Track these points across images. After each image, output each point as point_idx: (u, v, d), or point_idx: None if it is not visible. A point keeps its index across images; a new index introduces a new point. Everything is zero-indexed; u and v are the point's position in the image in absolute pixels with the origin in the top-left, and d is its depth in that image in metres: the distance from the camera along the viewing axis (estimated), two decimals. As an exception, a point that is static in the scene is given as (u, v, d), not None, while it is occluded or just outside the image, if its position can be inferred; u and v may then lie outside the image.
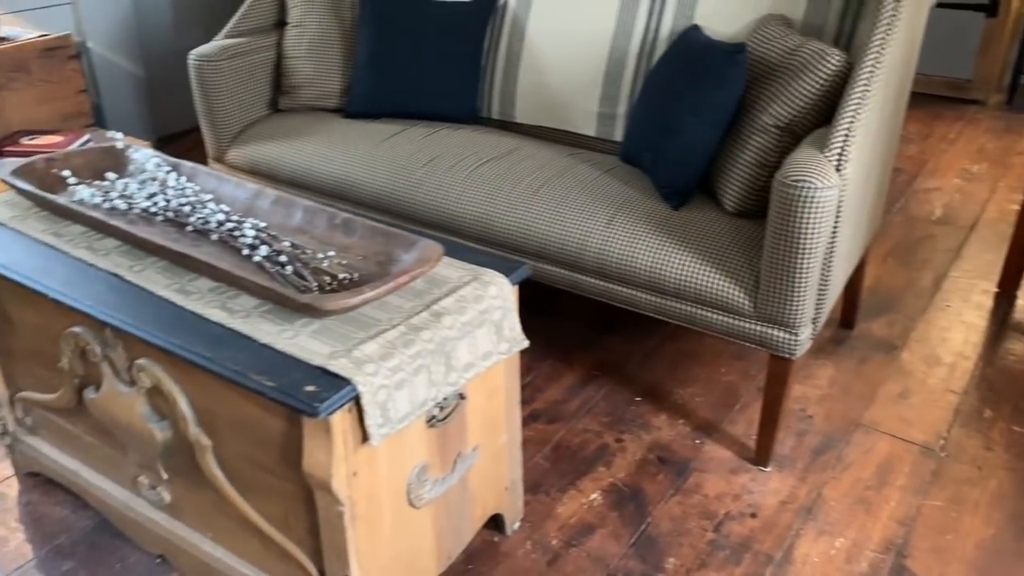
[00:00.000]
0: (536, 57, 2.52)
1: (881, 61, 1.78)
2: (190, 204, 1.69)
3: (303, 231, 1.65)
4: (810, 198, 1.67)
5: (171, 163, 1.85)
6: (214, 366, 1.30)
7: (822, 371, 2.31)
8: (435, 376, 1.38)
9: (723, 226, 1.96)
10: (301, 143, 2.48)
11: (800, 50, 1.93)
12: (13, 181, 1.72)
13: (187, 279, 1.52)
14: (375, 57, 2.57)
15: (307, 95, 2.65)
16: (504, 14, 2.57)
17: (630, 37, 2.36)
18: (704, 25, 2.24)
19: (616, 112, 2.41)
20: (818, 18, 2.12)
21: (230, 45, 2.56)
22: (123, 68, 3.47)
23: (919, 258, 2.85)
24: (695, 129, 2.01)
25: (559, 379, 2.28)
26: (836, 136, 1.74)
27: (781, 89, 1.91)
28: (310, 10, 2.63)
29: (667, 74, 2.16)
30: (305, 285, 1.46)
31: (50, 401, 1.75)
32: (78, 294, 1.49)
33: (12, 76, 2.66)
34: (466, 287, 1.50)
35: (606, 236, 1.99)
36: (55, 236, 1.67)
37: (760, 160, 1.93)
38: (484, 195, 2.16)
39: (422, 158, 2.33)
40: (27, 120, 2.72)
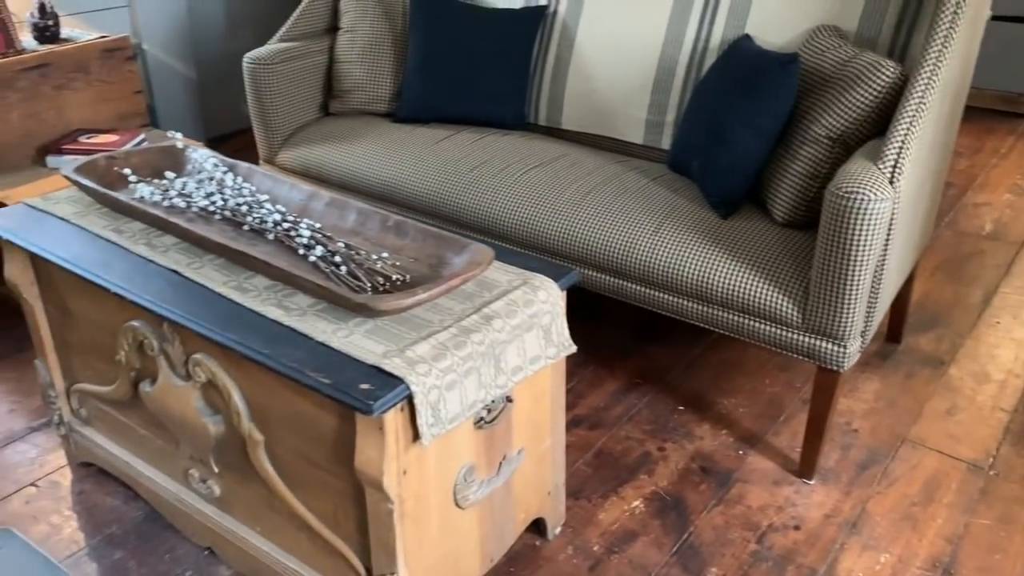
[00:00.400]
0: (584, 64, 2.53)
1: (937, 74, 1.77)
2: (247, 204, 1.72)
3: (356, 232, 1.68)
4: (863, 210, 1.66)
5: (228, 163, 1.89)
6: (271, 362, 1.33)
7: (868, 385, 2.28)
8: (484, 378, 1.40)
9: (772, 236, 1.95)
10: (351, 146, 2.51)
11: (854, 61, 1.91)
12: (76, 178, 1.77)
13: (244, 277, 1.55)
14: (425, 62, 2.60)
15: (357, 99, 2.69)
16: (553, 21, 2.59)
17: (680, 45, 2.36)
18: (755, 35, 2.24)
19: (664, 120, 2.41)
20: (872, 29, 2.11)
21: (284, 49, 2.61)
22: (176, 70, 3.55)
23: (968, 273, 2.81)
24: (746, 139, 2.00)
25: (601, 385, 2.28)
26: (890, 148, 1.72)
27: (834, 100, 1.90)
28: (362, 16, 2.67)
29: (718, 83, 2.16)
30: (359, 285, 1.48)
31: (106, 393, 1.79)
32: (138, 289, 1.53)
33: (72, 76, 2.73)
34: (516, 291, 1.51)
35: (653, 244, 1.99)
36: (116, 232, 1.71)
37: (811, 171, 1.93)
38: (531, 201, 2.18)
39: (470, 163, 2.35)
40: (85, 119, 2.79)
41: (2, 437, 2.11)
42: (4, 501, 1.92)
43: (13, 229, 1.74)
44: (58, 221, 1.77)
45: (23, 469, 2.01)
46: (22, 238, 1.71)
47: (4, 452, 2.06)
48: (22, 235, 1.72)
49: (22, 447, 2.07)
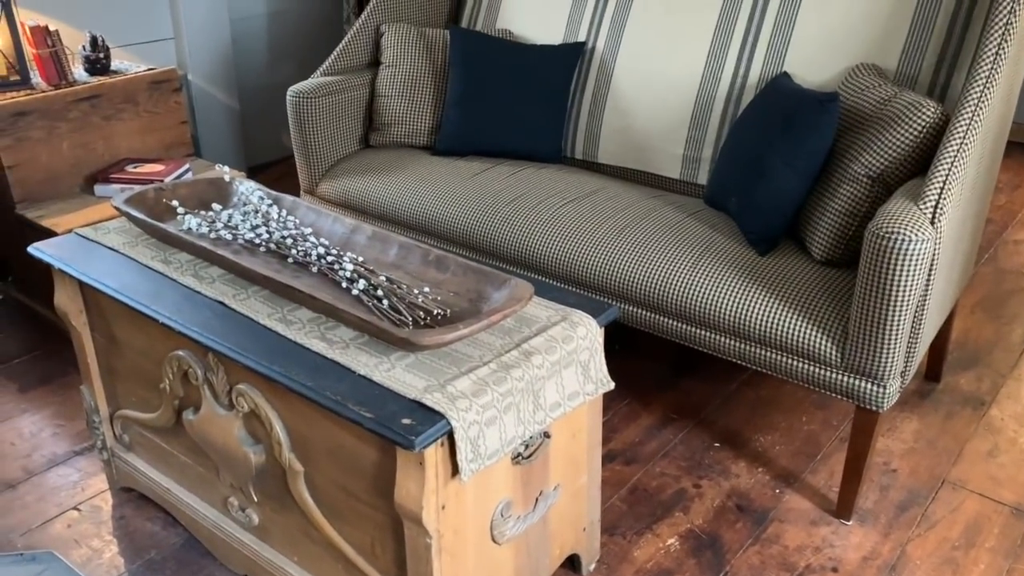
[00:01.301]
0: (622, 99, 2.56)
1: (980, 115, 1.77)
2: (291, 237, 1.76)
3: (398, 266, 1.71)
4: (904, 250, 1.65)
5: (273, 196, 1.93)
6: (314, 395, 1.35)
7: (907, 424, 2.26)
8: (523, 414, 1.41)
9: (811, 274, 1.95)
10: (391, 178, 2.55)
11: (894, 101, 1.92)
12: (126, 209, 1.82)
13: (288, 309, 1.58)
14: (464, 97, 2.64)
15: (397, 132, 2.73)
16: (591, 57, 2.62)
17: (719, 82, 2.38)
18: (794, 72, 2.25)
19: (701, 156, 2.43)
20: (912, 68, 2.11)
21: (326, 83, 2.66)
22: (220, 100, 3.63)
23: (1008, 312, 2.78)
24: (784, 176, 2.01)
25: (637, 420, 2.28)
26: (931, 189, 1.72)
27: (873, 139, 1.90)
28: (403, 51, 2.72)
29: (756, 120, 2.17)
30: (401, 319, 1.50)
31: (149, 420, 1.83)
32: (185, 320, 1.56)
33: (121, 107, 2.80)
34: (555, 327, 1.53)
35: (690, 280, 2.00)
36: (163, 263, 1.75)
37: (850, 209, 1.92)
38: (567, 235, 2.19)
39: (507, 196, 2.37)
40: (132, 148, 2.86)
41: (45, 460, 2.15)
42: (47, 524, 1.95)
43: (65, 259, 1.79)
44: (108, 251, 1.81)
45: (65, 492, 2.05)
46: (73, 267, 1.75)
47: (47, 475, 2.10)
48: (73, 264, 1.76)
49: (65, 471, 2.11)
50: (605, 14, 2.59)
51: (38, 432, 2.25)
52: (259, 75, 3.87)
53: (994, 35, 1.79)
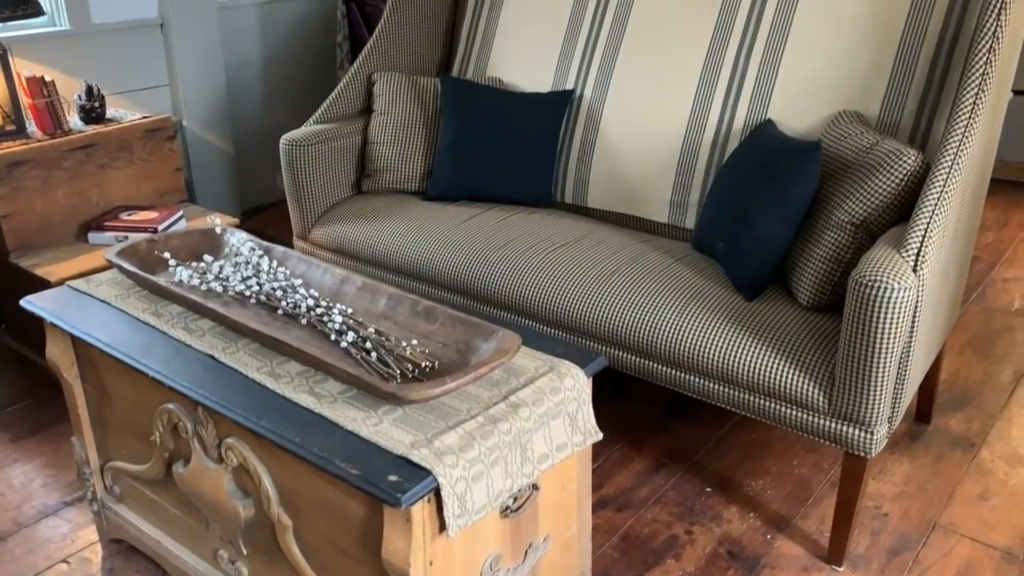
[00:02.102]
0: (610, 145, 2.59)
1: (959, 163, 1.80)
2: (282, 288, 1.77)
3: (387, 317, 1.72)
4: (887, 299, 1.67)
5: (264, 247, 1.95)
6: (302, 451, 1.35)
7: (897, 467, 2.26)
8: (511, 467, 1.42)
9: (797, 320, 1.97)
10: (382, 224, 2.57)
11: (875, 149, 1.95)
12: (118, 262, 1.84)
13: (277, 362, 1.59)
14: (455, 143, 2.67)
15: (389, 178, 2.77)
16: (579, 104, 2.66)
17: (704, 128, 2.41)
18: (778, 119, 2.29)
19: (688, 200, 2.45)
20: (893, 115, 2.15)
21: (319, 131, 2.70)
22: (214, 145, 3.66)
23: (998, 351, 2.79)
24: (770, 222, 2.03)
25: (628, 465, 2.28)
26: (913, 237, 1.74)
27: (856, 187, 1.93)
28: (395, 99, 2.76)
29: (742, 167, 2.20)
30: (389, 372, 1.51)
31: (139, 472, 1.83)
32: (175, 374, 1.57)
33: (116, 155, 2.83)
34: (543, 378, 1.54)
35: (678, 325, 2.01)
36: (155, 315, 1.76)
37: (835, 256, 1.95)
38: (557, 280, 2.21)
39: (498, 241, 2.39)
40: (126, 196, 2.88)
41: (36, 512, 2.14)
42: (36, 577, 1.95)
43: (57, 312, 1.80)
44: (99, 304, 1.83)
45: (55, 545, 2.04)
46: (65, 321, 1.76)
47: (37, 527, 2.09)
48: (65, 318, 1.77)
49: (55, 522, 2.11)
50: (592, 63, 2.63)
51: (28, 483, 2.24)
52: (254, 119, 3.92)
53: (971, 85, 1.83)
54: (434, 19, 2.96)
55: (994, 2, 1.84)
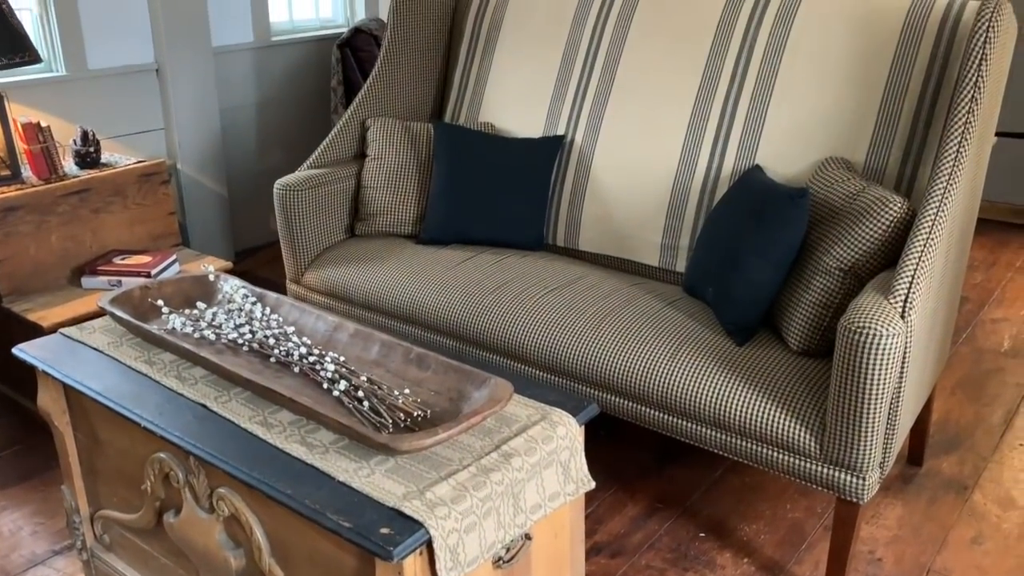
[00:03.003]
0: (601, 189, 2.62)
1: (944, 210, 1.82)
2: (274, 336, 1.78)
3: (379, 364, 1.73)
4: (876, 345, 1.69)
5: (256, 294, 1.95)
6: (294, 503, 1.35)
7: (891, 511, 2.26)
8: (504, 518, 1.41)
9: (788, 365, 1.98)
10: (375, 268, 2.59)
11: (862, 195, 1.98)
12: (111, 309, 1.84)
13: (269, 411, 1.59)
14: (448, 187, 2.70)
15: (382, 222, 2.79)
16: (571, 149, 2.69)
17: (693, 173, 2.44)
18: (766, 165, 2.32)
19: (679, 244, 2.48)
20: (879, 161, 2.18)
21: (313, 175, 2.72)
22: (208, 188, 3.69)
23: (988, 392, 2.81)
24: (759, 268, 2.05)
25: (622, 510, 2.27)
26: (900, 283, 1.76)
27: (843, 233, 1.95)
28: (388, 144, 2.79)
29: (730, 212, 2.23)
30: (381, 422, 1.52)
31: (130, 521, 1.82)
32: (167, 423, 1.57)
33: (110, 200, 2.85)
34: (535, 427, 1.54)
35: (670, 370, 2.02)
36: (147, 364, 1.77)
37: (824, 301, 1.97)
38: (549, 324, 2.22)
39: (490, 285, 2.41)
40: (120, 240, 2.89)
41: (24, 560, 2.12)
42: (23, 628, 1.92)
43: (49, 360, 1.80)
44: (92, 351, 1.83)
45: (43, 594, 2.02)
46: (57, 370, 1.76)
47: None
48: (57, 366, 1.77)
49: (44, 571, 2.09)
50: (583, 109, 2.67)
51: (17, 531, 2.22)
52: (247, 161, 3.95)
53: (954, 135, 1.87)
54: (427, 66, 3.00)
55: (974, 54, 1.88)
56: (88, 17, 3.20)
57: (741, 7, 2.41)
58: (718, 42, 2.43)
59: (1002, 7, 1.91)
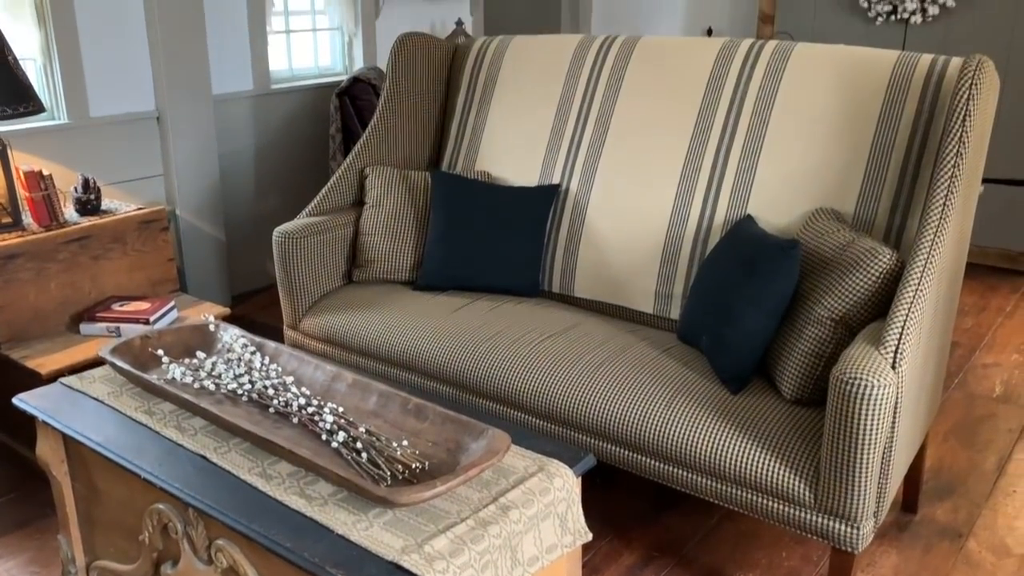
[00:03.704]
0: (595, 237, 2.66)
1: (932, 262, 1.86)
2: (273, 386, 1.80)
3: (377, 415, 1.74)
4: (868, 396, 1.72)
5: (256, 343, 1.98)
6: (293, 556, 1.36)
7: (886, 559, 2.26)
8: (501, 571, 1.42)
9: (782, 413, 2.00)
10: (373, 314, 2.61)
11: (852, 247, 2.02)
12: (112, 360, 1.86)
13: (269, 462, 1.60)
14: (445, 235, 2.74)
15: (380, 269, 2.82)
16: (566, 197, 2.74)
17: (686, 222, 2.49)
18: (757, 215, 2.36)
19: (673, 292, 2.51)
20: (868, 212, 2.23)
21: (312, 223, 2.75)
22: (206, 233, 3.72)
23: (981, 438, 2.83)
24: (752, 317, 2.08)
25: (618, 559, 2.28)
26: (891, 334, 1.79)
27: (834, 284, 1.99)
28: (386, 192, 2.83)
29: (723, 262, 2.26)
30: (379, 474, 1.53)
31: (127, 572, 1.82)
32: (166, 474, 1.58)
33: (110, 247, 2.88)
34: (532, 478, 1.56)
35: (665, 419, 2.04)
36: (147, 414, 1.78)
37: (816, 351, 1.99)
38: (545, 372, 2.24)
39: (486, 332, 2.43)
40: (119, 286, 2.92)
41: (18, 611, 2.11)
42: None
43: (49, 410, 1.81)
44: (92, 401, 1.84)
45: (37, 646, 2.00)
46: (57, 420, 1.78)
47: (19, 627, 2.06)
48: (57, 417, 1.79)
49: (37, 622, 2.08)
50: (577, 158, 2.72)
51: (11, 580, 2.21)
52: (245, 206, 3.99)
53: (940, 189, 1.91)
54: (425, 116, 3.06)
55: (959, 110, 1.93)
56: (91, 66, 3.25)
57: (731, 64, 2.48)
58: (708, 96, 2.49)
59: (984, 65, 1.97)
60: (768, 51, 2.45)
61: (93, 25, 3.23)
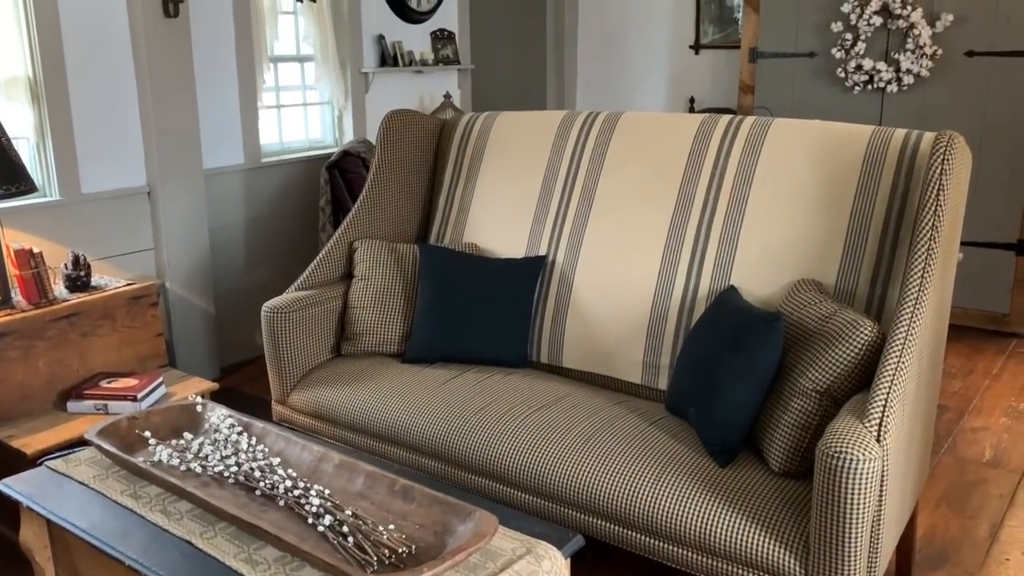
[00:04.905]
0: (582, 308, 2.68)
1: (912, 333, 1.89)
2: (260, 468, 1.79)
3: (364, 496, 1.74)
4: (853, 470, 1.72)
5: (243, 423, 1.98)
6: (278, 648, 1.35)
7: (881, 632, 2.24)
8: (489, 657, 1.41)
9: (770, 487, 2.00)
10: (361, 388, 2.61)
11: (833, 318, 2.04)
12: (99, 442, 1.86)
13: (255, 547, 1.59)
14: (433, 307, 2.76)
15: (369, 342, 2.83)
16: (552, 269, 2.77)
17: (671, 293, 2.51)
18: (740, 286, 2.39)
19: (660, 362, 2.53)
20: (850, 283, 2.26)
21: (300, 297, 2.77)
22: (196, 305, 3.73)
23: (973, 504, 2.82)
24: (738, 389, 2.10)
25: (609, 636, 2.24)
26: (874, 408, 1.81)
27: (817, 356, 2.01)
28: (375, 265, 2.86)
29: (708, 334, 2.29)
30: (366, 559, 1.52)
31: (109, 661, 1.78)
32: (152, 562, 1.57)
33: (99, 323, 2.89)
34: (520, 561, 1.55)
35: (654, 494, 2.04)
36: (133, 497, 1.77)
37: (802, 423, 2.00)
38: (534, 446, 2.24)
39: (475, 406, 2.43)
40: (108, 363, 2.91)
41: None
42: None
43: (34, 495, 1.80)
44: (77, 485, 1.83)
45: None
46: (42, 505, 1.77)
47: None
48: (42, 502, 1.78)
49: None
50: (563, 231, 2.76)
51: (-9, 669, 2.16)
52: (235, 277, 4.01)
53: (918, 262, 1.95)
54: (413, 189, 3.11)
55: (932, 185, 1.98)
56: (83, 144, 3.30)
57: (710, 139, 2.54)
58: (690, 171, 2.54)
59: (954, 140, 2.03)
60: (746, 127, 2.51)
61: (86, 103, 3.30)
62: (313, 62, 4.26)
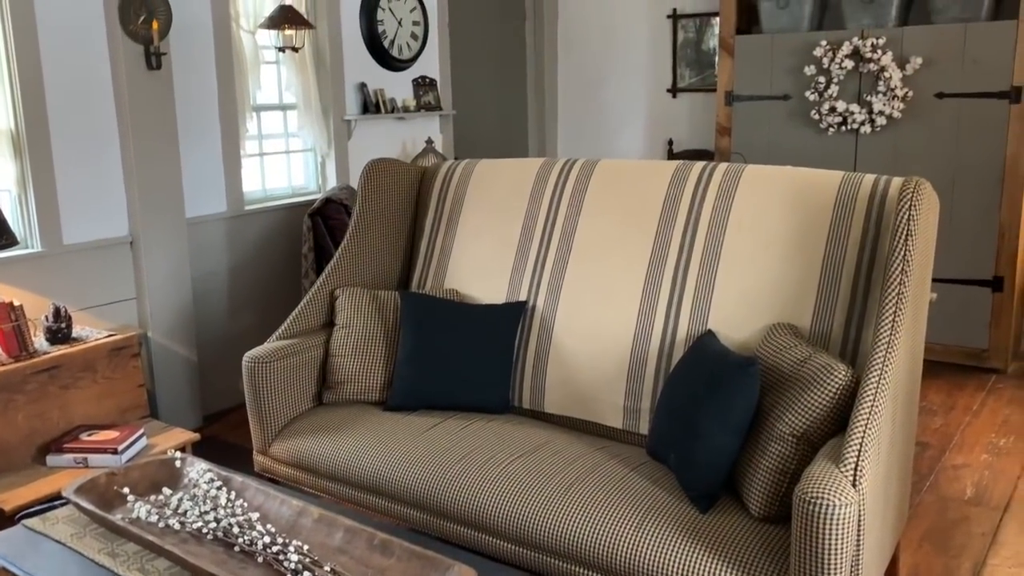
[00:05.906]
0: (563, 353, 2.70)
1: (885, 377, 1.91)
2: (239, 524, 1.79)
3: (343, 551, 1.74)
4: (830, 515, 1.73)
5: (222, 478, 1.97)
6: None
7: (866, 676, 2.23)
8: None
9: (750, 532, 2.01)
10: (342, 438, 2.61)
11: (808, 363, 2.07)
12: (76, 500, 1.85)
13: (232, 606, 1.58)
14: (414, 354, 2.77)
15: (350, 390, 2.83)
16: (532, 314, 2.79)
17: (650, 338, 2.54)
18: (717, 330, 2.42)
19: (641, 407, 2.54)
20: (824, 326, 2.29)
21: (281, 347, 2.78)
22: (178, 354, 3.72)
23: (955, 543, 2.83)
24: (717, 434, 2.11)
25: None
26: (849, 452, 1.83)
27: (793, 400, 2.03)
28: (356, 313, 2.87)
29: (687, 379, 2.31)
30: (344, 616, 1.52)
31: None
32: (128, 623, 1.56)
33: (80, 376, 2.88)
34: (499, 614, 1.55)
35: (636, 541, 2.04)
36: (110, 556, 1.76)
37: (780, 467, 2.02)
38: (516, 494, 2.24)
39: (456, 454, 2.43)
40: (88, 415, 2.90)
41: None
42: None
43: (11, 556, 1.79)
44: (55, 545, 1.82)
45: None
46: (17, 566, 1.75)
47: None
48: (18, 562, 1.76)
49: None
50: (543, 277, 2.79)
51: None
52: (218, 325, 4.01)
53: (889, 306, 1.98)
54: (394, 236, 3.13)
55: (900, 230, 2.02)
56: (65, 195, 3.32)
57: (684, 185, 2.58)
58: (665, 217, 2.58)
59: (920, 187, 2.08)
60: (719, 173, 2.56)
61: (69, 155, 3.32)
62: (296, 110, 4.31)
